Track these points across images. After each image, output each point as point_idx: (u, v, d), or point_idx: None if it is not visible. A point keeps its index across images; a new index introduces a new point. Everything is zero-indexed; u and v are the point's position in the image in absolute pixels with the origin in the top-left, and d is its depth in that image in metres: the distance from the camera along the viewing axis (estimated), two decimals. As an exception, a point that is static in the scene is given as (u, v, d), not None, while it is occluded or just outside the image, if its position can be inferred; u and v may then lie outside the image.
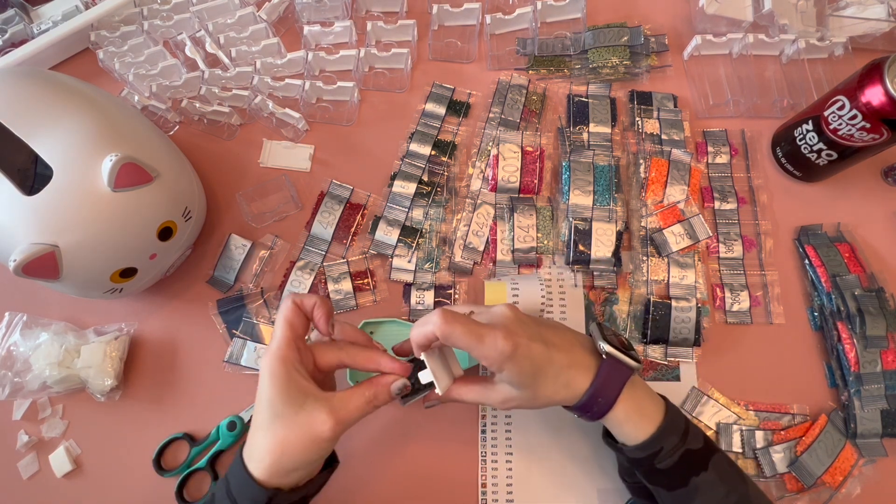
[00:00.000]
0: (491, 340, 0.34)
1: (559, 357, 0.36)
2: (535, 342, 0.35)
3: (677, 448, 0.36)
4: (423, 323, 0.36)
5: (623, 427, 0.37)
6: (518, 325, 0.36)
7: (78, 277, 0.41)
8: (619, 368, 0.37)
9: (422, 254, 0.53)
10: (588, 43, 0.59)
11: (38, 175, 0.39)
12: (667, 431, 0.37)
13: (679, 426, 0.37)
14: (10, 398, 0.49)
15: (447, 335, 0.34)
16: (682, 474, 0.37)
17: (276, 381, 0.34)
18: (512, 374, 0.35)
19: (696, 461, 0.37)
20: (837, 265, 0.51)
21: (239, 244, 0.53)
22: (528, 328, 0.36)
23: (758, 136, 0.58)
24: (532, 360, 0.35)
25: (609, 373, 0.37)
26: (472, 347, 0.35)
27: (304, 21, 0.61)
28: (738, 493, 0.37)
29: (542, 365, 0.36)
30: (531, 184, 0.53)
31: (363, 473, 0.47)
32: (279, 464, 0.34)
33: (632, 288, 0.52)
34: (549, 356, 0.36)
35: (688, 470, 0.37)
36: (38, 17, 0.61)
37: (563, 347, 0.37)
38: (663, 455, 0.36)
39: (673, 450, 0.36)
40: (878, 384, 0.47)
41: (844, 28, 0.59)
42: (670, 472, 0.37)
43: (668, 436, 0.36)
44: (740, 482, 0.37)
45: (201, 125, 0.58)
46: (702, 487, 0.36)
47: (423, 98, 0.59)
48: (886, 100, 0.43)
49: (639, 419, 0.37)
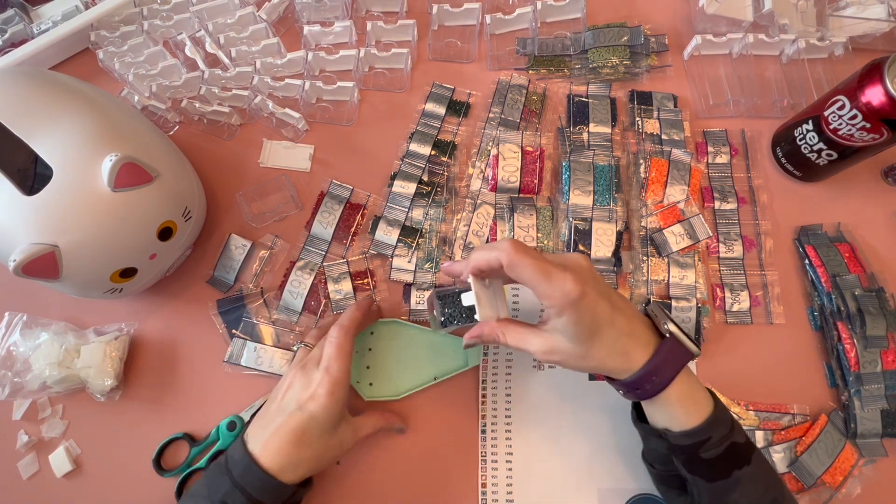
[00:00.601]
0: (560, 280, 0.33)
1: (622, 322, 0.35)
2: (603, 298, 0.34)
3: (725, 439, 0.36)
4: (488, 248, 0.36)
5: (673, 410, 0.36)
6: (590, 276, 0.35)
7: (78, 277, 0.41)
8: (679, 350, 0.36)
9: (422, 254, 0.53)
10: (588, 43, 0.59)
11: (38, 175, 0.39)
12: (717, 421, 0.36)
13: (727, 418, 0.37)
14: (10, 398, 0.49)
15: (514, 265, 0.34)
16: (726, 466, 0.36)
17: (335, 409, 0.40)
18: (570, 323, 0.34)
19: (742, 454, 0.36)
20: (837, 265, 0.51)
21: (239, 244, 0.53)
22: (598, 283, 0.36)
23: (758, 136, 0.58)
24: (594, 315, 0.34)
25: (670, 352, 0.36)
26: (538, 283, 0.33)
27: (304, 21, 0.61)
28: (775, 492, 0.37)
29: (603, 323, 0.34)
30: (531, 184, 0.53)
31: (363, 473, 0.47)
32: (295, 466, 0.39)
33: (632, 288, 0.52)
34: (612, 317, 0.35)
35: (732, 462, 0.36)
36: (38, 17, 0.61)
37: (626, 314, 0.36)
38: (710, 444, 0.36)
39: (721, 440, 0.36)
40: (879, 384, 0.47)
41: (844, 28, 0.59)
42: (714, 463, 0.36)
43: (717, 425, 0.36)
44: (778, 482, 0.37)
45: (201, 125, 0.58)
46: (743, 481, 0.36)
47: (423, 98, 0.59)
48: (886, 100, 0.43)
49: (691, 405, 0.36)
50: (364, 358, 0.50)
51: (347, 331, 0.43)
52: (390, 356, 0.50)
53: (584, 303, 0.33)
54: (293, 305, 0.51)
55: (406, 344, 0.50)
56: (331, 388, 0.39)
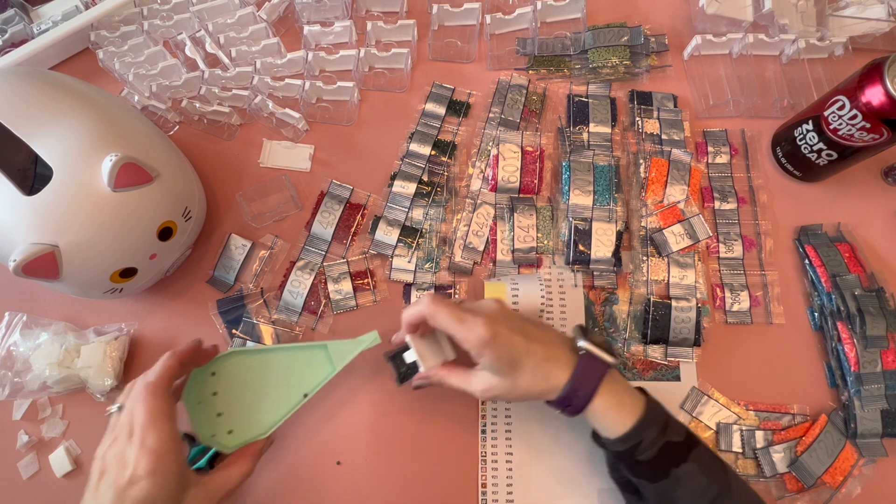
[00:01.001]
0: (472, 325, 0.37)
1: (538, 350, 0.38)
2: (516, 333, 0.38)
3: (657, 440, 0.38)
4: (413, 306, 0.40)
5: (604, 420, 0.39)
6: (501, 316, 0.38)
7: (78, 277, 0.41)
8: (596, 363, 0.39)
9: (422, 254, 0.53)
10: (588, 43, 0.59)
11: (38, 175, 0.39)
12: (646, 424, 0.38)
13: (659, 419, 0.39)
14: (10, 398, 0.49)
15: (432, 314, 0.38)
16: (663, 466, 0.38)
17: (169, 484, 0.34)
18: (491, 360, 0.37)
19: (677, 453, 0.38)
20: (837, 265, 0.51)
21: (239, 244, 0.53)
22: (510, 321, 0.39)
23: (758, 136, 0.58)
24: (511, 349, 0.37)
25: (586, 367, 0.38)
26: (455, 330, 0.37)
27: (304, 21, 0.61)
28: (719, 484, 0.38)
29: (520, 355, 0.38)
30: (531, 184, 0.53)
31: (362, 473, 0.47)
32: None
33: (632, 288, 0.52)
34: (528, 347, 0.38)
35: (668, 461, 0.38)
36: (38, 17, 0.61)
37: (543, 342, 0.39)
38: (643, 447, 0.37)
39: (653, 442, 0.37)
40: (878, 384, 0.47)
41: (844, 28, 0.59)
42: (651, 464, 0.38)
43: (647, 428, 0.38)
44: (721, 473, 0.38)
45: (201, 125, 0.58)
46: (683, 478, 0.37)
47: (423, 98, 0.59)
48: (886, 100, 0.43)
49: (618, 412, 0.38)
50: (210, 406, 0.43)
51: (156, 388, 0.36)
52: (245, 392, 0.43)
53: (498, 341, 0.37)
54: (293, 305, 0.51)
55: (258, 373, 0.44)
56: (152, 465, 0.33)
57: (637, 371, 0.50)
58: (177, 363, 0.38)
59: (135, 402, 0.35)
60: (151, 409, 0.35)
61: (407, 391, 0.49)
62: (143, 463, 0.33)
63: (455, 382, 0.41)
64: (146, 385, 0.36)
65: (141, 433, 0.34)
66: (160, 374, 0.37)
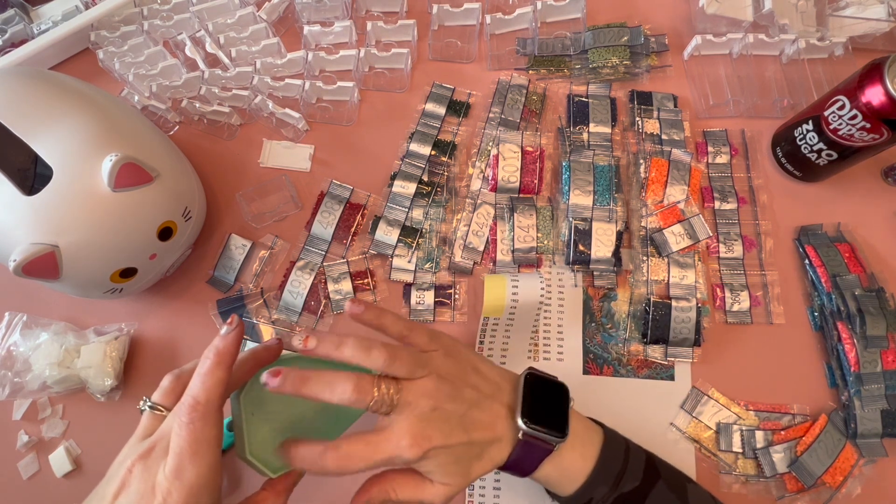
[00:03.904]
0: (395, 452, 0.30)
1: (482, 437, 0.33)
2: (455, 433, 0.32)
3: (608, 495, 0.36)
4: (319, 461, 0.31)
5: (549, 484, 0.38)
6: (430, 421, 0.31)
7: (78, 277, 0.41)
8: (537, 446, 0.35)
9: (422, 254, 0.53)
10: (588, 43, 0.59)
11: (38, 175, 0.39)
12: (594, 483, 0.36)
13: (612, 472, 0.36)
14: (10, 398, 0.49)
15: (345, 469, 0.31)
16: None
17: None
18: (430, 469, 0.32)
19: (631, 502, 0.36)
20: (837, 265, 0.51)
21: (239, 244, 0.53)
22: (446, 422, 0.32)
23: (758, 136, 0.58)
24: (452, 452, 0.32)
25: (525, 450, 0.35)
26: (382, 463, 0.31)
27: (304, 21, 0.61)
28: None
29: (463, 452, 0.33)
30: (531, 184, 0.53)
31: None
32: None
33: (632, 288, 0.52)
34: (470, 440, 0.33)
35: None
36: (38, 17, 0.61)
37: (486, 426, 0.34)
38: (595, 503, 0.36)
39: (603, 498, 0.36)
40: (879, 384, 0.47)
41: (844, 28, 0.59)
42: None
43: (596, 487, 0.36)
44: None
45: (201, 125, 0.58)
46: None
47: (423, 98, 0.59)
48: (886, 100, 0.43)
49: (562, 480, 0.36)
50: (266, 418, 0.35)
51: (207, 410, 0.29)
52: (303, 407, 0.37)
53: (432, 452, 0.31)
54: (293, 305, 0.51)
55: None
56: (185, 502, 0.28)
57: (632, 369, 0.50)
58: (227, 374, 0.31)
59: (180, 425, 0.29)
60: (197, 437, 0.29)
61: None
62: (176, 497, 0.28)
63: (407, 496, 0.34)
64: (194, 405, 0.29)
65: (178, 462, 0.29)
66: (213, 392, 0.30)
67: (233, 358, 0.32)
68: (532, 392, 0.36)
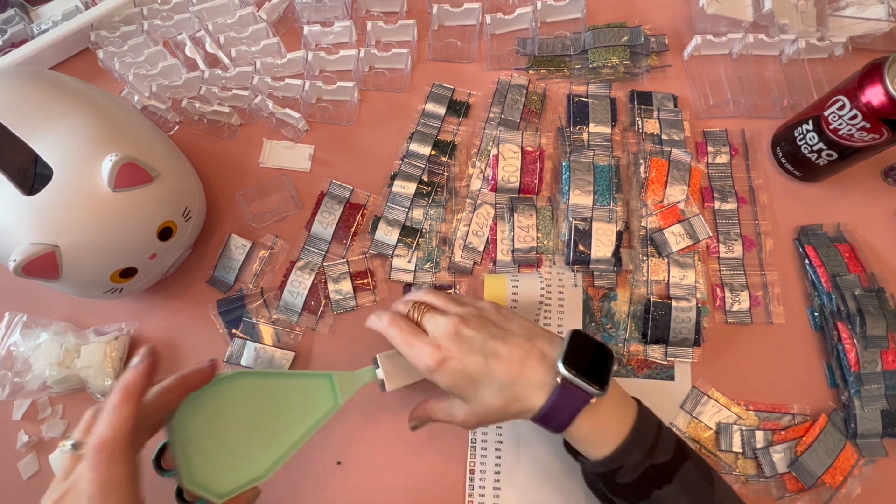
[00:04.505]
0: (419, 350, 0.36)
1: (501, 371, 0.35)
2: (473, 355, 0.35)
3: (640, 464, 0.35)
4: (377, 316, 0.39)
5: (582, 445, 0.37)
6: (453, 340, 0.36)
7: (78, 277, 0.41)
8: (574, 393, 0.35)
9: (422, 254, 0.53)
10: (588, 43, 0.59)
11: (38, 175, 0.39)
12: (629, 449, 0.35)
13: (646, 441, 0.36)
14: (10, 398, 0.49)
15: (387, 335, 0.38)
16: (644, 488, 0.36)
17: None
18: (445, 385, 0.36)
19: (661, 475, 0.36)
20: (837, 265, 0.51)
21: (239, 244, 0.53)
22: (466, 343, 0.36)
23: (758, 136, 0.58)
24: (465, 374, 0.35)
25: (561, 397, 0.35)
26: (405, 353, 0.37)
27: (304, 21, 0.61)
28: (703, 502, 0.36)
29: (479, 378, 0.35)
30: (531, 184, 0.53)
31: (363, 472, 0.47)
32: None
33: (632, 288, 0.52)
34: (488, 370, 0.35)
35: (650, 484, 0.36)
36: (38, 17, 0.61)
37: (509, 360, 0.35)
38: (625, 470, 0.35)
39: (635, 466, 0.35)
40: (879, 384, 0.47)
41: (844, 28, 0.59)
42: (631, 487, 0.36)
43: (630, 452, 0.35)
44: (707, 489, 0.37)
45: (201, 125, 0.58)
46: (664, 500, 0.35)
47: (423, 98, 0.59)
48: (886, 100, 0.43)
49: (596, 439, 0.36)
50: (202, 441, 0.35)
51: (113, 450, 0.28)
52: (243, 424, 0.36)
53: (447, 366, 0.35)
54: (293, 305, 0.51)
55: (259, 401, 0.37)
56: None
57: (631, 368, 0.50)
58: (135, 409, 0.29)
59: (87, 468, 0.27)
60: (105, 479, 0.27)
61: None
62: None
63: (440, 416, 0.39)
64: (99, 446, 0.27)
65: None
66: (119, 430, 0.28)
67: (141, 392, 0.30)
68: (576, 344, 0.36)
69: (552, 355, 0.36)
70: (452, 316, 0.37)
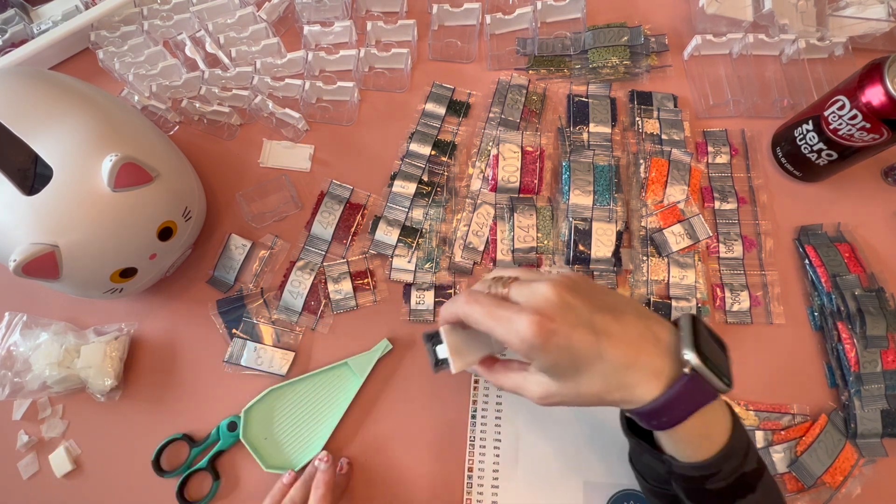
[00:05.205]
0: (512, 324, 0.30)
1: (615, 353, 0.30)
2: (580, 330, 0.30)
3: (735, 471, 0.32)
4: (452, 301, 0.34)
5: (680, 445, 0.32)
6: (558, 309, 0.30)
7: (78, 277, 0.41)
8: (702, 388, 0.30)
9: (422, 254, 0.53)
10: (588, 43, 0.59)
11: (38, 175, 0.39)
12: (730, 453, 0.32)
13: (741, 448, 0.32)
14: (10, 398, 0.49)
15: (467, 317, 0.32)
16: (730, 496, 0.33)
17: None
18: (544, 365, 0.31)
19: (748, 483, 0.33)
20: (837, 265, 0.51)
21: (239, 244, 0.53)
22: (572, 312, 0.30)
23: (758, 136, 0.58)
24: (571, 351, 0.30)
25: (686, 391, 0.30)
26: (494, 331, 0.31)
27: (304, 21, 0.61)
28: None
29: (586, 358, 0.30)
30: (531, 184, 0.53)
31: (356, 459, 0.47)
32: None
33: (632, 288, 0.52)
34: (599, 349, 0.30)
35: (737, 492, 0.33)
36: (38, 17, 0.61)
37: (624, 340, 0.30)
38: (719, 477, 0.32)
39: (731, 472, 0.32)
40: (879, 384, 0.47)
41: (844, 28, 0.59)
42: (719, 493, 0.32)
43: (730, 458, 0.32)
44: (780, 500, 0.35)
45: (201, 125, 0.58)
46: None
47: (423, 98, 0.59)
48: (886, 100, 0.43)
49: (701, 441, 0.32)
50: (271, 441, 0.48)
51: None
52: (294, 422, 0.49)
53: (553, 342, 0.29)
54: (293, 305, 0.51)
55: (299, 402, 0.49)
56: None
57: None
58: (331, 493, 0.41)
59: None
60: None
61: (402, 381, 0.49)
62: None
63: (509, 385, 0.34)
64: None
65: None
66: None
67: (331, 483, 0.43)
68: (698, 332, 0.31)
69: (669, 340, 0.32)
70: (548, 281, 0.31)
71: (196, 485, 0.48)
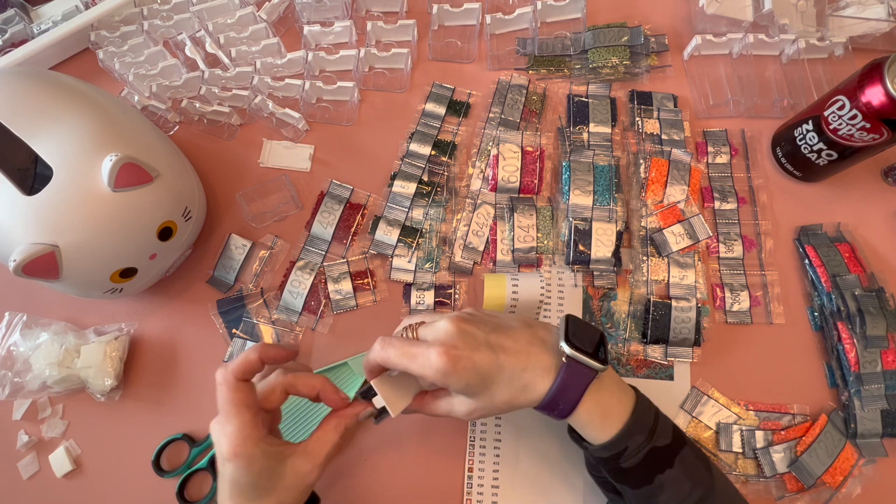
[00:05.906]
0: (424, 359, 0.34)
1: (511, 362, 0.35)
2: (480, 351, 0.34)
3: (642, 447, 0.36)
4: (369, 352, 0.37)
5: (586, 428, 0.37)
6: (459, 338, 0.35)
7: (78, 277, 0.41)
8: (580, 371, 0.35)
9: (422, 254, 0.53)
10: (588, 43, 0.59)
11: (38, 175, 0.39)
12: (632, 431, 0.36)
13: (646, 424, 0.37)
14: (10, 398, 0.49)
15: (385, 360, 0.35)
16: (646, 472, 0.36)
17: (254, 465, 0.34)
18: (459, 387, 0.35)
19: (662, 458, 0.36)
20: (837, 265, 0.51)
21: (239, 244, 0.53)
22: (471, 339, 0.35)
23: (758, 136, 0.58)
24: (477, 371, 0.34)
25: (569, 376, 0.35)
26: (409, 367, 0.34)
27: (304, 21, 0.61)
28: (703, 487, 0.37)
29: (490, 373, 0.35)
30: (531, 184, 0.53)
31: (355, 460, 0.47)
32: None
33: (632, 288, 0.52)
34: (499, 363, 0.35)
35: (653, 468, 0.36)
36: (38, 17, 0.61)
37: (516, 351, 0.36)
38: (628, 454, 0.36)
39: (638, 448, 0.36)
40: (879, 384, 0.47)
41: (844, 28, 0.59)
42: (635, 471, 0.36)
43: (633, 435, 0.36)
44: (706, 475, 0.37)
45: (201, 125, 0.58)
46: (666, 484, 0.36)
47: (423, 98, 0.59)
48: (886, 100, 0.43)
49: (601, 421, 0.36)
50: None
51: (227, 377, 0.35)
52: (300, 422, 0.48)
53: (461, 366, 0.34)
54: (293, 305, 0.51)
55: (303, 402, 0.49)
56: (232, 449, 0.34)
57: (631, 368, 0.50)
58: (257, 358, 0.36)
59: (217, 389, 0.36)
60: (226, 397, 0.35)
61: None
62: (225, 446, 0.34)
63: (440, 411, 0.39)
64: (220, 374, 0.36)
65: (222, 418, 0.35)
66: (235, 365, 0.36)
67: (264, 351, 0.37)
68: (572, 326, 0.37)
69: (552, 339, 0.37)
70: (447, 318, 0.36)
71: (196, 485, 0.48)
